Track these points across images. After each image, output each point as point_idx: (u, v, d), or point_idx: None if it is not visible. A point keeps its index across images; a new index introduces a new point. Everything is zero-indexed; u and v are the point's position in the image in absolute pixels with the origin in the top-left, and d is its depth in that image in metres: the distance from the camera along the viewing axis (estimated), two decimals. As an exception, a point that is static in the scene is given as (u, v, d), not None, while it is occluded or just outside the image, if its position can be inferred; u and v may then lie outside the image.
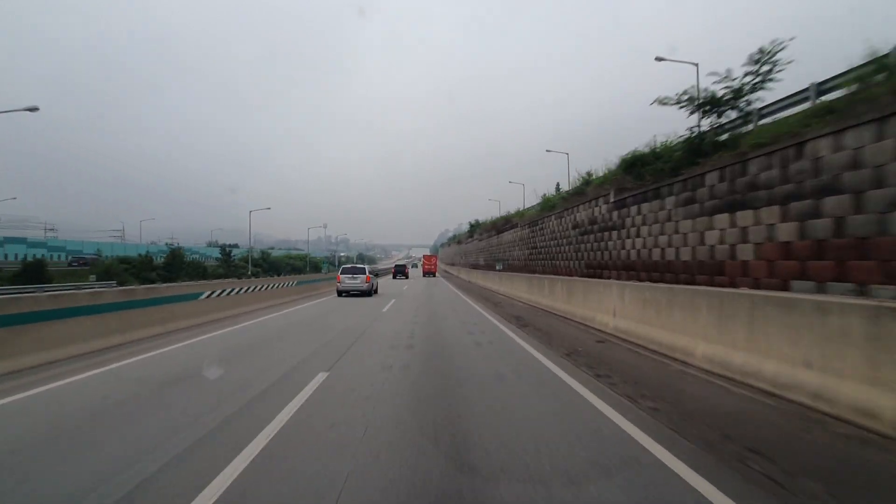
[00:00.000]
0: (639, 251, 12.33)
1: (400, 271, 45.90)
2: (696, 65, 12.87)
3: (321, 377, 5.26)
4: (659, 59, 15.15)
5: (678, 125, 25.30)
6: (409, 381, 5.16)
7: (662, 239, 11.17)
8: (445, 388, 4.86)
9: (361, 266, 21.96)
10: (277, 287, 17.11)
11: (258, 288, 15.10)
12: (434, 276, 49.79)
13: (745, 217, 8.47)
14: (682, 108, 10.50)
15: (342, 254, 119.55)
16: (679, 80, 20.89)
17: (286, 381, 5.16)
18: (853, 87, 7.10)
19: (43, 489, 2.69)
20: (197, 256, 71.47)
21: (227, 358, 6.39)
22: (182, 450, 3.16)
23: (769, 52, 8.93)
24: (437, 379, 5.32)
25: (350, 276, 19.88)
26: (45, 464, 3.00)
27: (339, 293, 19.73)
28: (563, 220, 19.11)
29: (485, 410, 4.09)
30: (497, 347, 7.50)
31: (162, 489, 2.64)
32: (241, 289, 13.52)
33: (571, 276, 15.90)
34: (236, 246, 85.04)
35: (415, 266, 67.74)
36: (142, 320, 8.37)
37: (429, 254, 64.52)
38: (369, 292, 19.73)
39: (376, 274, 26.28)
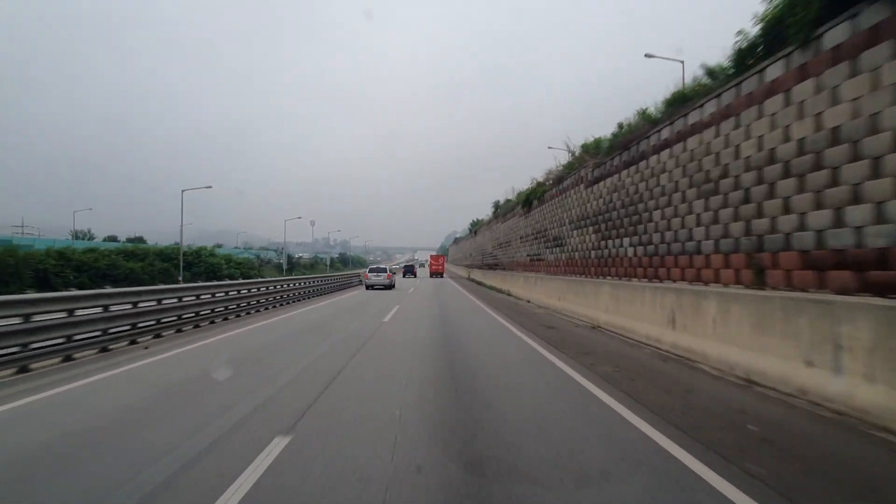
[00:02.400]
0: None
1: (409, 270, 52.54)
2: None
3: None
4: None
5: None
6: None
7: None
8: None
9: (384, 267, 30.53)
10: None
11: None
12: (441, 276, 49.94)
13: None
14: None
15: (300, 254, 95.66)
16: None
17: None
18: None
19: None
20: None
21: None
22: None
23: None
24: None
25: (375, 274, 28.09)
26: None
27: (367, 287, 27.36)
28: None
29: None
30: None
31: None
32: None
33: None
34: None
35: (421, 266, 71.55)
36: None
37: (436, 254, 65.26)
38: (390, 286, 27.35)
39: (404, 272, 36.44)
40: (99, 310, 7.63)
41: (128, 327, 8.31)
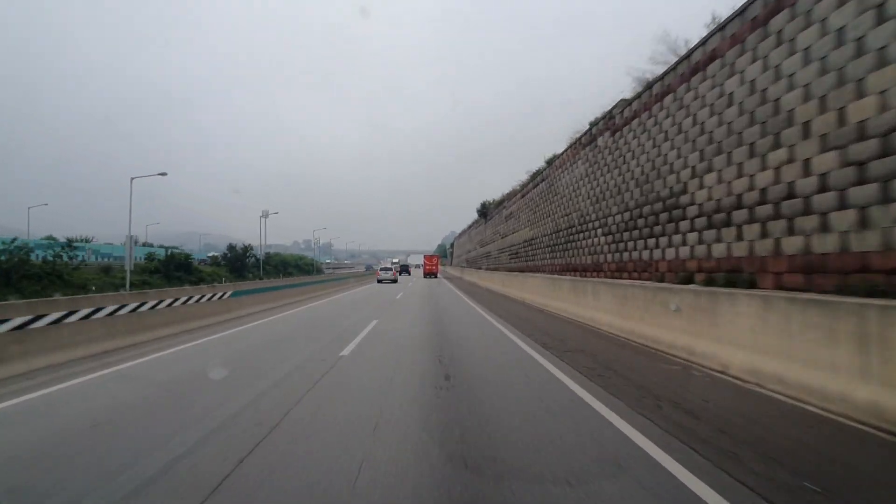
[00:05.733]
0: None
1: (404, 269, 64.98)
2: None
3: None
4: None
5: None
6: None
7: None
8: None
9: (390, 267, 45.57)
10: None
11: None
12: (436, 276, 51.23)
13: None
14: None
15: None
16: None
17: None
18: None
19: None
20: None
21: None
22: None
23: None
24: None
25: (384, 271, 41.43)
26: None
27: (379, 281, 38.45)
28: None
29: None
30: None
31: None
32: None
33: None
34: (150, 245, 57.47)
35: (417, 267, 73.21)
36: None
37: (430, 254, 64.48)
38: (395, 280, 39.15)
39: (399, 271, 55.02)
40: None
41: None
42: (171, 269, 43.12)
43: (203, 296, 11.59)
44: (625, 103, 13.02)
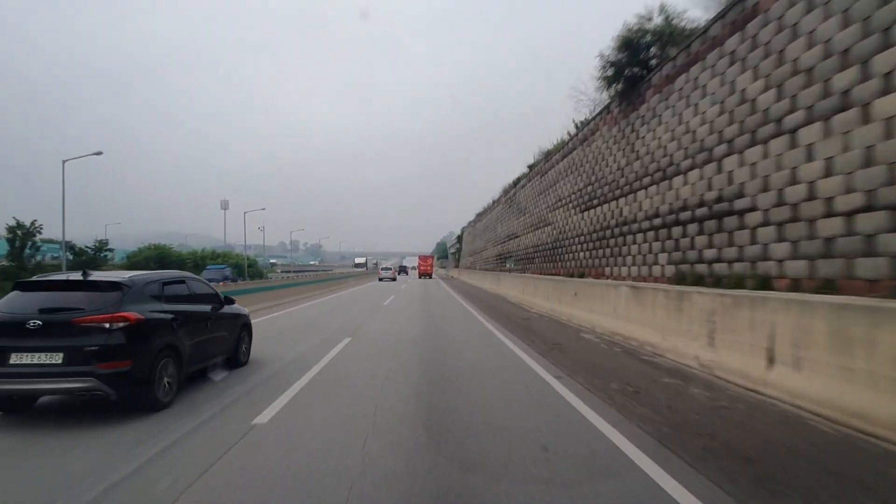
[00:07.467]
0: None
1: (403, 270, 73.50)
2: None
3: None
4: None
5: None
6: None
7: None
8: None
9: (389, 267, 52.16)
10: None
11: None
12: (430, 276, 54.73)
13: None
14: None
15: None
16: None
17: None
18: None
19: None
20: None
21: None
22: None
23: None
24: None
25: (385, 270, 47.96)
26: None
27: (380, 279, 44.29)
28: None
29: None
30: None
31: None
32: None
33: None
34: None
35: (414, 268, 75.32)
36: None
37: (425, 256, 66.35)
38: (394, 279, 45.24)
39: (398, 271, 63.11)
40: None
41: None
42: None
43: None
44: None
